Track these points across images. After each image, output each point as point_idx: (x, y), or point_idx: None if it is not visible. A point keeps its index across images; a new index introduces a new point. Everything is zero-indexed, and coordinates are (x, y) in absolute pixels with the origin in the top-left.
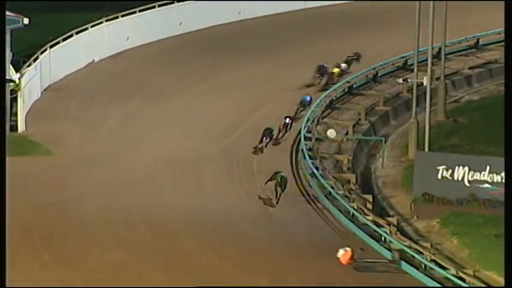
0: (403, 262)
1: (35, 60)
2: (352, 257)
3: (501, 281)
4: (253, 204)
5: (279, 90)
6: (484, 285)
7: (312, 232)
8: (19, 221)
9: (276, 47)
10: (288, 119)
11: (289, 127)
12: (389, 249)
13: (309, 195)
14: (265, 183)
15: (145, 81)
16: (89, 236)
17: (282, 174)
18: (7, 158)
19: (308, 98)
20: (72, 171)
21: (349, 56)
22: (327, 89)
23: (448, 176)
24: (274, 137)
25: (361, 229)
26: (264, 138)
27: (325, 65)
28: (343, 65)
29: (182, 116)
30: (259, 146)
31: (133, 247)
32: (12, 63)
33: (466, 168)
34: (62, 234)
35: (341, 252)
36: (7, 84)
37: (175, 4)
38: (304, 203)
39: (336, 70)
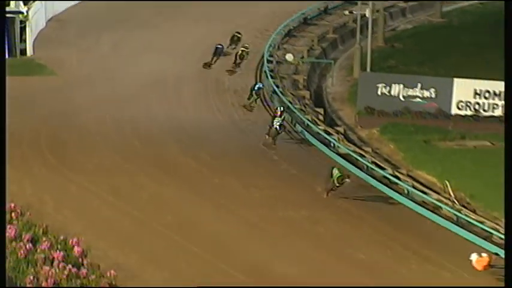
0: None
1: None
2: (489, 263)
3: (430, 179)
4: (224, 115)
5: (249, 20)
6: (416, 183)
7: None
8: (29, 131)
9: None
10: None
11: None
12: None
13: (270, 109)
14: (328, 192)
15: (133, 14)
16: (87, 143)
17: (338, 170)
18: (18, 78)
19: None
20: (72, 88)
21: (234, 35)
22: (236, 70)
23: (386, 92)
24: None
25: (314, 137)
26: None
27: (220, 46)
28: (246, 45)
29: (165, 42)
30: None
31: (124, 152)
32: None
33: (401, 86)
34: (65, 141)
35: (475, 257)
36: (17, 15)
37: None
38: (267, 116)
39: (242, 51)
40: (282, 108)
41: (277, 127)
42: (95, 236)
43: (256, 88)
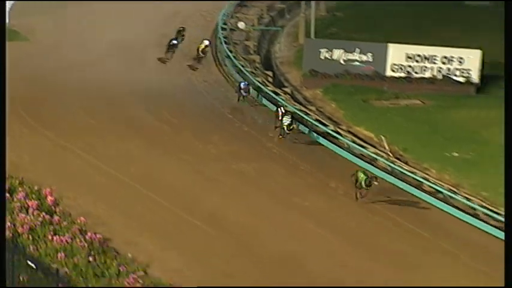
0: None
1: None
2: None
3: (367, 134)
4: (182, 78)
5: None
6: (355, 138)
7: (226, 99)
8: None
9: None
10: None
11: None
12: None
13: (225, 72)
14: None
15: None
16: (59, 104)
17: (362, 173)
18: None
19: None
20: (44, 53)
21: (180, 29)
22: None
23: (328, 56)
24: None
25: (264, 97)
26: None
27: (175, 41)
28: (206, 42)
29: (129, 12)
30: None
31: (93, 112)
32: None
33: (342, 50)
34: (39, 102)
35: None
36: None
37: None
38: (221, 78)
39: (202, 46)
40: (283, 110)
41: (289, 124)
42: (66, 186)
43: (242, 86)
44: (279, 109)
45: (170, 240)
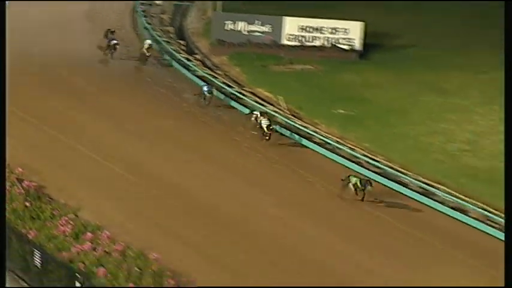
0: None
1: None
2: None
3: (267, 94)
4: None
5: None
6: (257, 98)
7: (145, 66)
8: None
9: None
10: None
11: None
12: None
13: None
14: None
15: None
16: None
17: (355, 177)
18: None
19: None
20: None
21: (108, 30)
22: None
23: (232, 28)
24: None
25: (177, 62)
26: None
27: (116, 41)
28: (148, 42)
29: None
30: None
31: (26, 74)
32: None
33: (244, 23)
34: None
35: None
36: None
37: None
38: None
39: (145, 46)
40: (259, 113)
41: (268, 127)
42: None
43: (206, 89)
44: (253, 112)
45: (98, 187)
